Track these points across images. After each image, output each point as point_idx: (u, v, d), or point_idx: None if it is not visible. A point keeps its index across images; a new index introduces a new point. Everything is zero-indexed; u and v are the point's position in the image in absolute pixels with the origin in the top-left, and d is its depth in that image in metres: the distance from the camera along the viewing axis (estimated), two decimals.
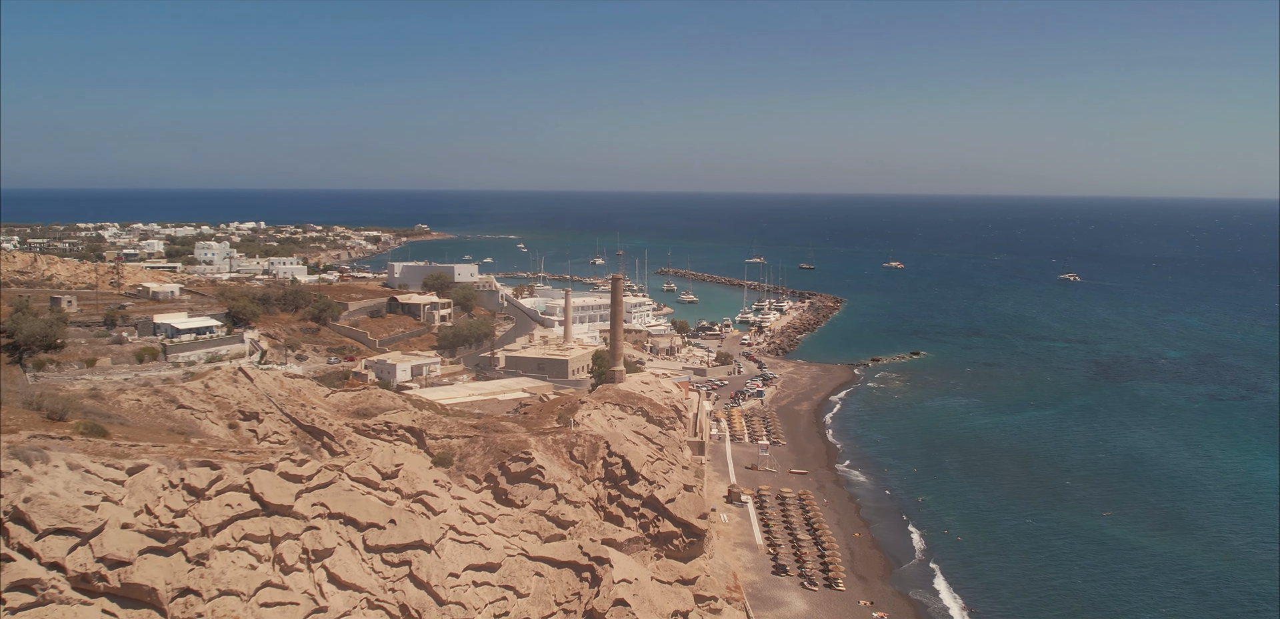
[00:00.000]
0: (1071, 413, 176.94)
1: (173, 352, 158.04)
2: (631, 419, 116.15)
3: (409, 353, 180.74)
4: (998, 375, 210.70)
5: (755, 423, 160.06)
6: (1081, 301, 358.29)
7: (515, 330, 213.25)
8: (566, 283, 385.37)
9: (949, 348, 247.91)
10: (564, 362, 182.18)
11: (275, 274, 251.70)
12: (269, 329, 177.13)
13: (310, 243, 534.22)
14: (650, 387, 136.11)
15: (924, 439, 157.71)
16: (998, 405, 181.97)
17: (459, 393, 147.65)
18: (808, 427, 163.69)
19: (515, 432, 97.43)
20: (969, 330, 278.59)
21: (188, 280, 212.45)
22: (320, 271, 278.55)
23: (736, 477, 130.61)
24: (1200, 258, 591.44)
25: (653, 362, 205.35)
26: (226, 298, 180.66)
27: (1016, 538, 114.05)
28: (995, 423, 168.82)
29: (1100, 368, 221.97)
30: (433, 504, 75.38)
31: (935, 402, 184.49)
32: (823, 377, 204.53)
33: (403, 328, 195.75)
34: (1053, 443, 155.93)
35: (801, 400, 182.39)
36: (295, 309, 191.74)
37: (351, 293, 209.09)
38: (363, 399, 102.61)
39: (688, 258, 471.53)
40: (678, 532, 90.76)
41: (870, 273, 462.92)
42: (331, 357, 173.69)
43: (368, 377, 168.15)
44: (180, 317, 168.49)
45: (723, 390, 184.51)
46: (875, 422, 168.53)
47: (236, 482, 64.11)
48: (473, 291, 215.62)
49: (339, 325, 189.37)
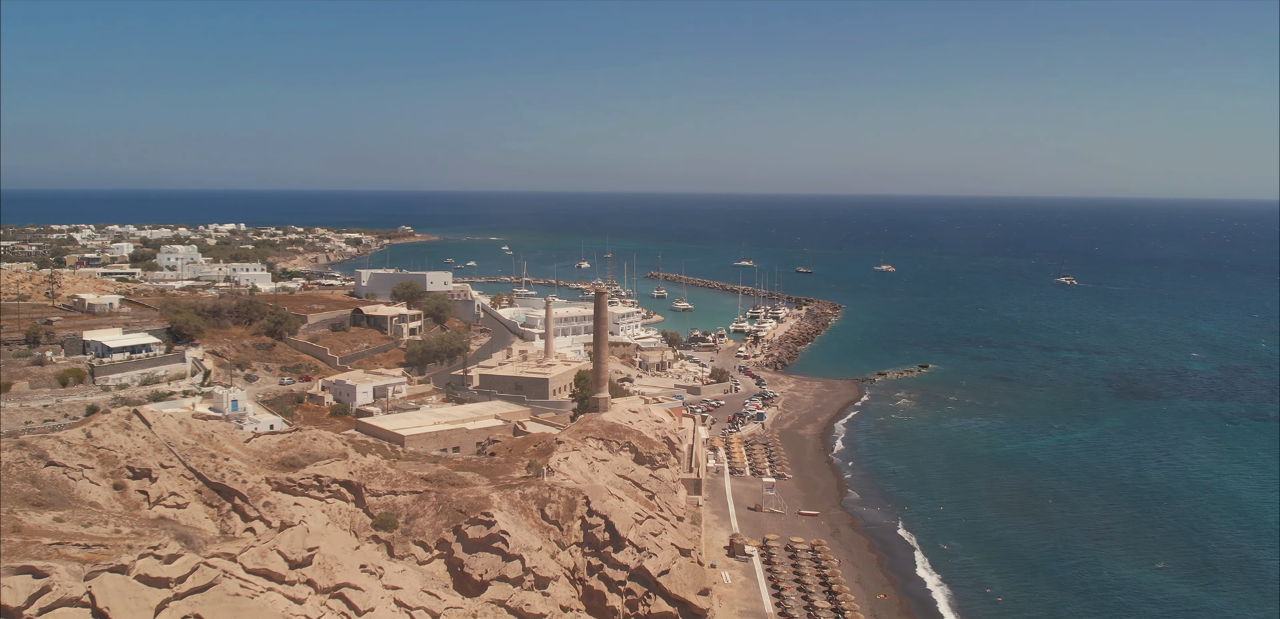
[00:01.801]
0: (1106, 436, 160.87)
1: (102, 374, 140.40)
2: (617, 459, 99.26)
3: (372, 371, 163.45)
4: (1016, 391, 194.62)
5: (757, 452, 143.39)
6: (1085, 307, 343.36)
7: (492, 344, 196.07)
8: (551, 288, 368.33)
9: (958, 359, 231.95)
10: (544, 381, 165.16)
11: (236, 282, 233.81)
12: (216, 346, 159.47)
13: (288, 246, 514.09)
14: (639, 416, 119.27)
15: (945, 469, 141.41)
16: (1023, 427, 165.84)
17: (423, 421, 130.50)
18: (815, 455, 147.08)
19: (475, 485, 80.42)
20: (976, 339, 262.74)
21: (135, 290, 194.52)
22: (285, 278, 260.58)
23: (738, 521, 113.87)
24: (1198, 260, 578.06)
25: (642, 378, 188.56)
26: (169, 311, 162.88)
27: (1063, 592, 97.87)
28: (1024, 449, 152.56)
29: (1125, 382, 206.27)
30: (357, 600, 58.18)
31: (953, 423, 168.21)
32: (827, 394, 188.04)
33: (367, 343, 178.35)
34: (1091, 473, 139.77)
35: (806, 422, 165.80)
36: (249, 322, 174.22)
37: (314, 303, 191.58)
38: (292, 445, 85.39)
39: (681, 262, 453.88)
40: (673, 613, 73.86)
41: (864, 276, 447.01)
42: (284, 377, 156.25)
43: (324, 399, 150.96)
44: (114, 333, 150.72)
45: (719, 412, 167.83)
46: (889, 448, 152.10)
47: (70, 593, 46.84)
48: (446, 302, 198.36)
49: (296, 340, 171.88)
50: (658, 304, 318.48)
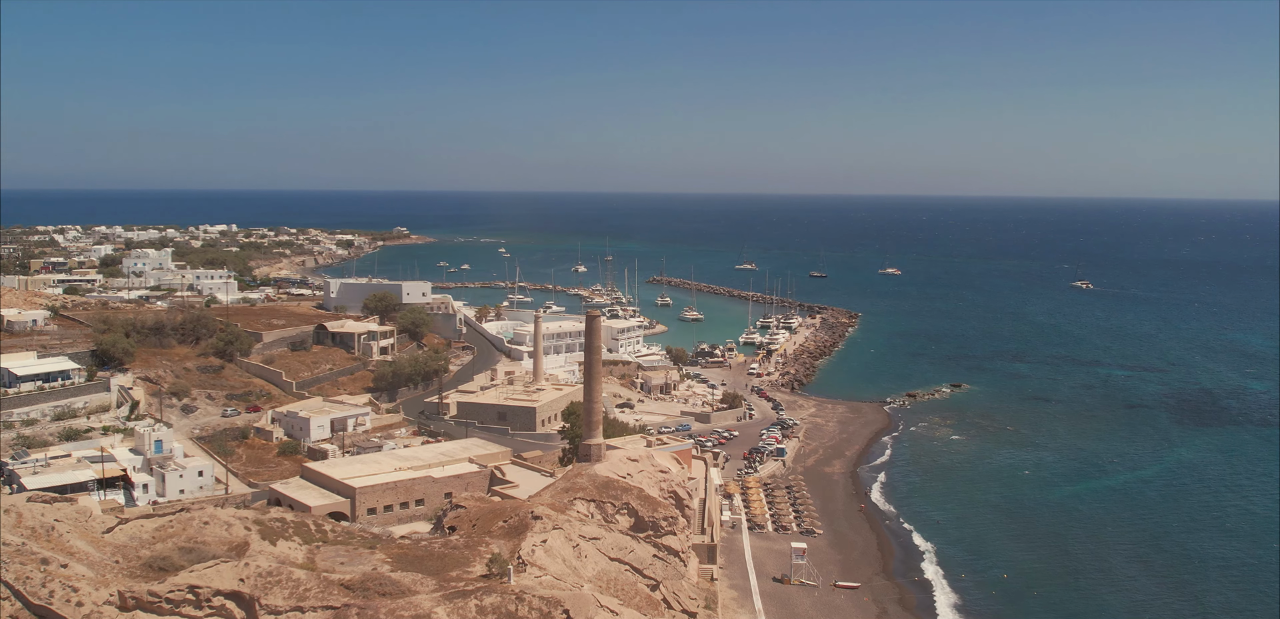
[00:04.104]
0: (1180, 473, 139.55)
1: (8, 406, 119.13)
2: (611, 537, 77.78)
3: (333, 398, 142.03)
4: (1063, 417, 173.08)
5: (779, 499, 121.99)
6: (1112, 313, 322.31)
7: (475, 362, 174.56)
8: (547, 294, 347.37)
9: (991, 377, 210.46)
10: (531, 410, 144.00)
11: (197, 291, 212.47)
12: (151, 370, 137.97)
13: (275, 249, 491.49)
14: (640, 465, 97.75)
15: (1001, 519, 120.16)
16: (1081, 462, 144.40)
17: (383, 465, 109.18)
18: (846, 501, 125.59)
19: (415, 593, 59.08)
20: (1006, 353, 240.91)
21: (76, 303, 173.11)
22: (253, 285, 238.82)
23: (762, 598, 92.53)
24: (1213, 262, 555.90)
25: (644, 403, 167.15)
26: (98, 330, 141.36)
27: None
28: (1089, 492, 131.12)
29: (1182, 404, 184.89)
30: None
31: (999, 457, 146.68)
32: (853, 421, 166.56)
33: (331, 364, 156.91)
34: (1176, 522, 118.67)
35: (833, 458, 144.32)
36: (197, 340, 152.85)
37: (274, 317, 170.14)
38: (173, 531, 64.19)
39: (686, 265, 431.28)
40: None
41: (873, 280, 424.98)
42: (228, 407, 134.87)
43: (273, 434, 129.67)
44: (26, 358, 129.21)
45: (733, 445, 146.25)
46: (933, 492, 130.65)
47: None
48: (424, 316, 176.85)
49: (249, 362, 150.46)
50: (662, 313, 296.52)
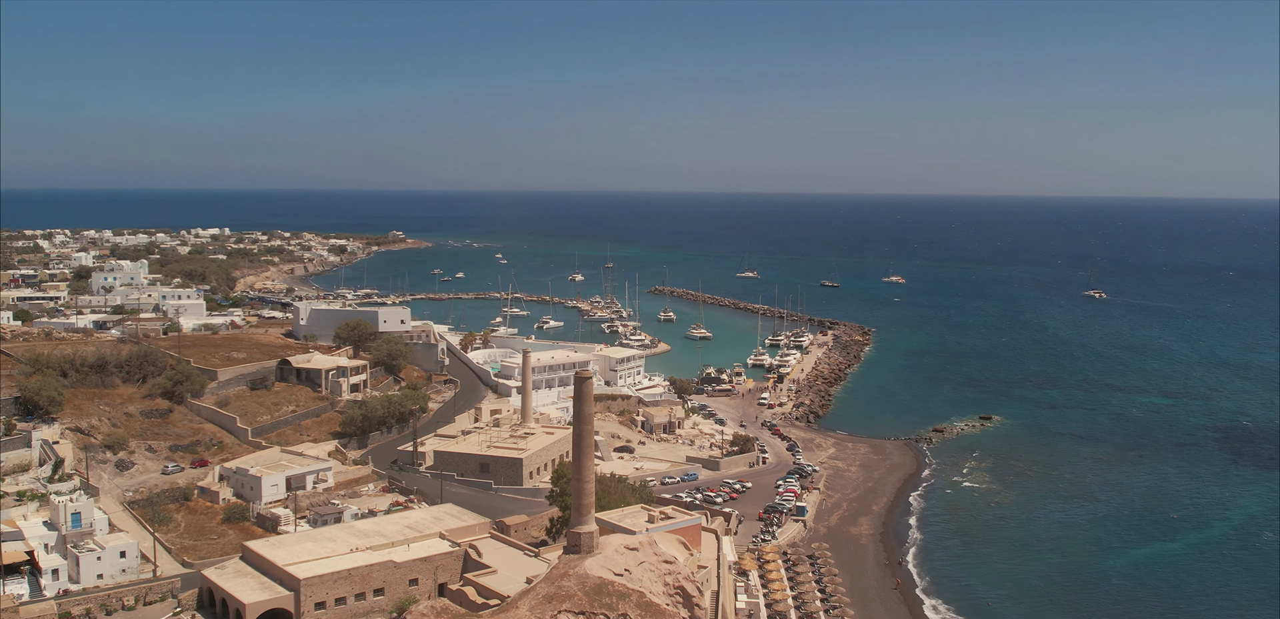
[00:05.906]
0: (1251, 530, 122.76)
1: None
2: None
3: (292, 449, 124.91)
4: (1112, 459, 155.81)
5: (801, 573, 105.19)
6: (1138, 327, 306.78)
7: (459, 398, 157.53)
8: (545, 306, 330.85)
9: (1021, 407, 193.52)
10: (517, 462, 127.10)
11: (165, 310, 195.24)
12: (84, 418, 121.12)
13: (266, 255, 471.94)
14: (640, 555, 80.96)
15: (1063, 594, 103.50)
16: (1144, 518, 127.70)
17: (339, 543, 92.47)
18: (879, 574, 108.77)
19: None
20: (1035, 379, 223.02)
21: (12, 334, 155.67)
22: (224, 305, 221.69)
23: None
24: (1229, 267, 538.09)
25: (645, 445, 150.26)
26: (26, 373, 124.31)
27: None
28: (1158, 557, 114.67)
29: (1238, 440, 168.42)
30: None
31: (1049, 511, 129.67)
32: (877, 464, 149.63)
33: (294, 405, 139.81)
34: (1262, 592, 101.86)
35: (859, 514, 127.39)
36: (144, 379, 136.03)
37: (235, 349, 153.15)
38: None
39: (692, 274, 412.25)
40: None
41: (882, 289, 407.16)
42: (171, 463, 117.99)
43: (220, 495, 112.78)
44: None
45: (747, 501, 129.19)
46: (976, 560, 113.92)
47: None
48: (402, 346, 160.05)
49: (201, 404, 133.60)
50: (665, 330, 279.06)
